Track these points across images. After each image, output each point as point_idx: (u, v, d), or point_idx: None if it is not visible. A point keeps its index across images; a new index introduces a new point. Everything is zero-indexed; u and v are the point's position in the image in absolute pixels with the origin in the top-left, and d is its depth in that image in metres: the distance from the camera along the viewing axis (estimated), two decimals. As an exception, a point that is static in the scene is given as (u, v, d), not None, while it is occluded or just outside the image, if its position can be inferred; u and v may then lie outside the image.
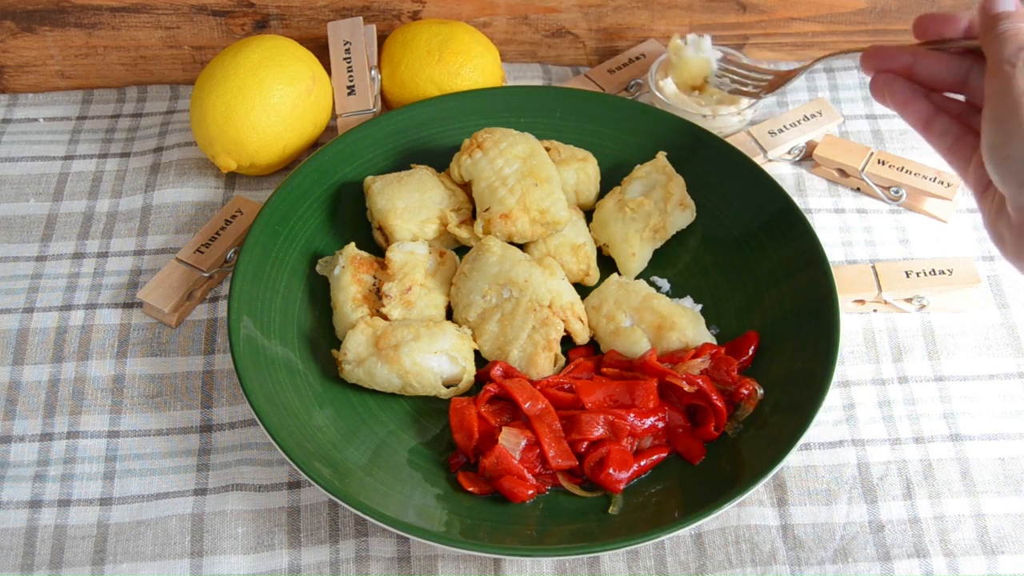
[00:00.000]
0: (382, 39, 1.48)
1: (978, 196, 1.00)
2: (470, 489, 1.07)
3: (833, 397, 1.18)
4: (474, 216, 1.27)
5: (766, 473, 1.03)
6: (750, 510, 1.10)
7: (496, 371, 1.14)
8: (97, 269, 1.30)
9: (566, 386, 1.12)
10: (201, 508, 1.10)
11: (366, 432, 1.13)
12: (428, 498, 1.07)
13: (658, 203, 1.24)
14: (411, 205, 1.25)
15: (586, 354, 1.19)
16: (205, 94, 1.31)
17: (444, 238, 1.27)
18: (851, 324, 1.24)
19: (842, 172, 1.38)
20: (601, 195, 1.31)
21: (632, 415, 1.08)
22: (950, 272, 1.24)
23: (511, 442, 1.07)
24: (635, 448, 1.09)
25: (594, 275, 1.25)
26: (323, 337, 1.20)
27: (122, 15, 1.46)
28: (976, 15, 0.99)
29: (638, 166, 1.29)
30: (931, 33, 1.04)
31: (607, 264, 1.26)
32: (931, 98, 1.04)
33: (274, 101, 1.32)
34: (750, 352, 1.17)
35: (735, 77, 1.35)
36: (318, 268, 1.25)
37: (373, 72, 1.41)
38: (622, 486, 1.07)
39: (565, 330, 1.17)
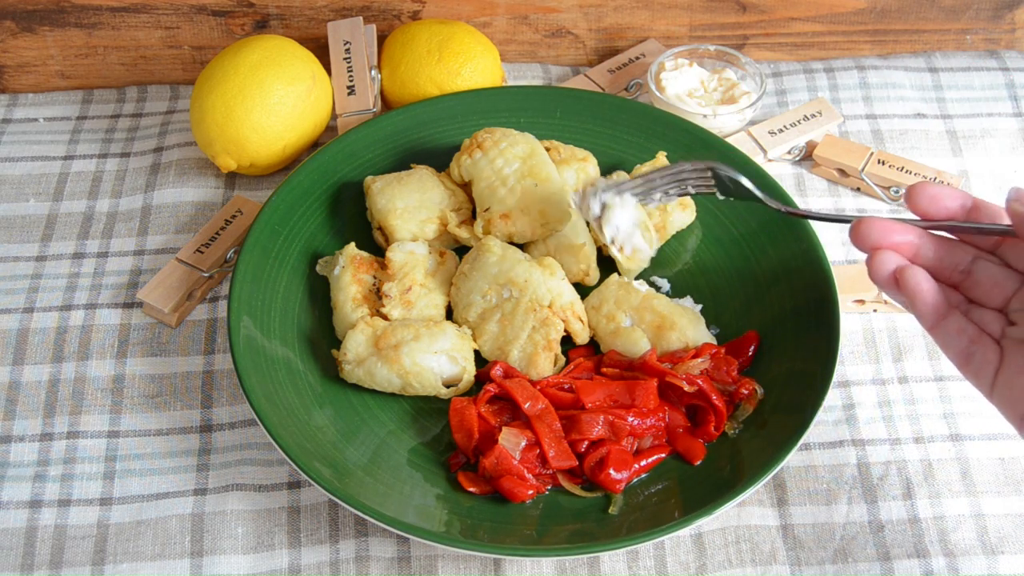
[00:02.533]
0: (382, 39, 1.48)
1: (1016, 424, 0.89)
2: (470, 489, 1.07)
3: (833, 397, 1.18)
4: (474, 216, 1.27)
5: (766, 473, 1.03)
6: (750, 510, 1.10)
7: (496, 371, 1.14)
8: (97, 269, 1.30)
9: (566, 386, 1.12)
10: (201, 508, 1.10)
11: (366, 432, 1.13)
12: (428, 498, 1.07)
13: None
14: (411, 205, 1.25)
15: (586, 354, 1.19)
16: (205, 94, 1.31)
17: (444, 238, 1.27)
18: (851, 324, 1.24)
19: (842, 172, 1.38)
20: (601, 195, 1.31)
21: (632, 415, 1.08)
22: (950, 272, 1.24)
23: (511, 442, 1.07)
24: (635, 448, 1.09)
25: (594, 275, 1.25)
26: (323, 337, 1.20)
27: (122, 15, 1.46)
28: (1007, 205, 0.89)
29: (638, 166, 1.29)
30: (932, 209, 0.92)
31: (607, 264, 1.26)
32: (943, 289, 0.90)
33: (274, 101, 1.32)
34: (750, 352, 1.17)
35: (665, 184, 1.14)
36: (318, 268, 1.25)
37: (373, 72, 1.41)
38: (622, 486, 1.07)
39: (565, 330, 1.17)
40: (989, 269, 0.93)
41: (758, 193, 1.08)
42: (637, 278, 1.24)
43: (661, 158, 1.29)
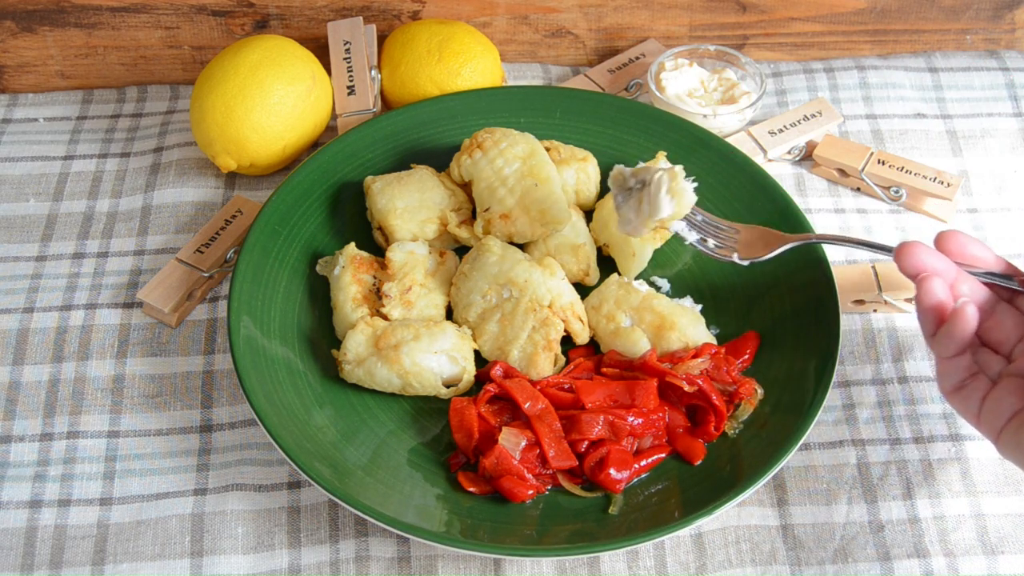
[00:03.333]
0: (382, 39, 1.48)
1: (993, 440, 0.95)
2: (470, 489, 1.07)
3: (833, 397, 1.18)
4: (474, 216, 1.27)
5: (766, 473, 1.03)
6: (750, 510, 1.10)
7: (496, 371, 1.14)
8: (97, 269, 1.30)
9: (566, 386, 1.12)
10: (201, 508, 1.10)
11: (366, 432, 1.13)
12: (428, 498, 1.07)
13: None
14: (411, 205, 1.25)
15: (586, 354, 1.19)
16: (205, 94, 1.31)
17: (444, 238, 1.27)
18: (851, 324, 1.24)
19: (842, 172, 1.38)
20: (601, 195, 1.31)
21: (632, 415, 1.08)
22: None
23: (511, 442, 1.07)
24: (635, 448, 1.09)
25: (594, 275, 1.25)
26: (323, 337, 1.20)
27: (122, 15, 1.46)
28: None
29: (640, 164, 1.29)
30: (964, 256, 0.97)
31: (607, 264, 1.26)
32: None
33: (274, 101, 1.32)
34: (750, 352, 1.17)
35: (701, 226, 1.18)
36: (318, 268, 1.25)
37: (373, 72, 1.41)
38: (622, 486, 1.07)
39: (565, 330, 1.17)
40: (1011, 313, 0.98)
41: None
42: (637, 278, 1.24)
43: (661, 158, 1.29)
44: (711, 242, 1.15)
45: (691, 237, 1.16)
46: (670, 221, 1.13)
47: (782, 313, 1.19)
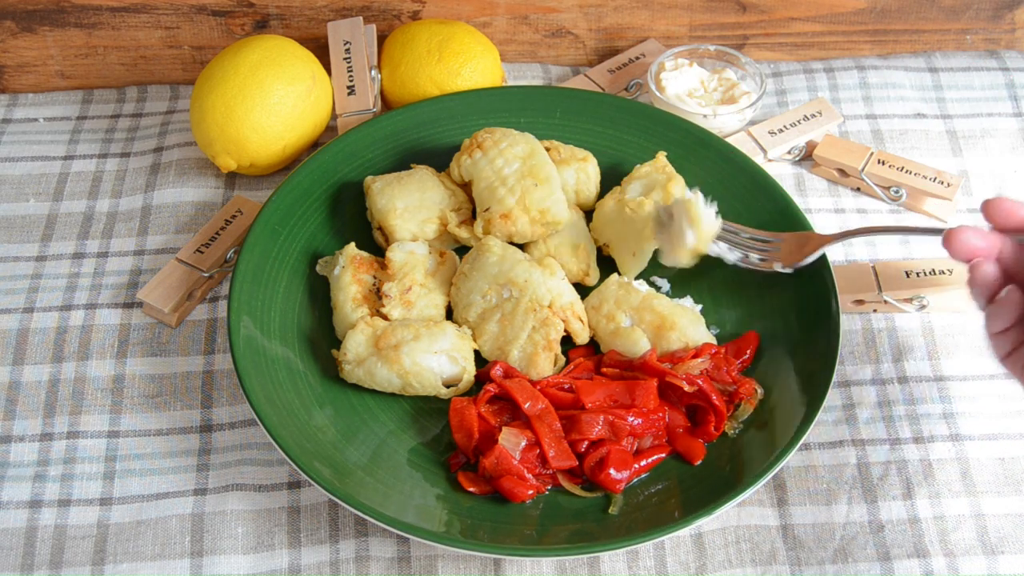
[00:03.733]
0: (382, 39, 1.48)
1: None
2: (470, 489, 1.07)
3: (833, 397, 1.18)
4: (474, 216, 1.27)
5: (766, 473, 1.03)
6: (750, 510, 1.10)
7: (496, 371, 1.14)
8: (97, 269, 1.30)
9: (566, 386, 1.12)
10: (201, 508, 1.10)
11: (366, 432, 1.13)
12: (428, 498, 1.07)
13: (658, 203, 1.24)
14: (411, 205, 1.25)
15: (586, 354, 1.19)
16: (205, 94, 1.31)
17: (444, 238, 1.27)
18: (851, 324, 1.24)
19: (842, 172, 1.38)
20: (601, 195, 1.31)
21: (632, 415, 1.08)
22: (950, 272, 1.24)
23: (511, 442, 1.07)
24: (635, 448, 1.09)
25: (594, 275, 1.25)
26: (323, 337, 1.20)
27: (122, 15, 1.46)
28: None
29: (638, 166, 1.29)
30: (1012, 220, 0.96)
31: (607, 264, 1.26)
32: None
33: (274, 101, 1.32)
34: (750, 352, 1.17)
35: (736, 242, 1.21)
36: (318, 268, 1.25)
37: (373, 72, 1.41)
38: (622, 486, 1.07)
39: (565, 330, 1.17)
40: None
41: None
42: (637, 278, 1.24)
43: (661, 158, 1.29)
44: (753, 256, 1.18)
45: (732, 257, 1.18)
46: (703, 247, 1.17)
47: (782, 313, 1.19)
